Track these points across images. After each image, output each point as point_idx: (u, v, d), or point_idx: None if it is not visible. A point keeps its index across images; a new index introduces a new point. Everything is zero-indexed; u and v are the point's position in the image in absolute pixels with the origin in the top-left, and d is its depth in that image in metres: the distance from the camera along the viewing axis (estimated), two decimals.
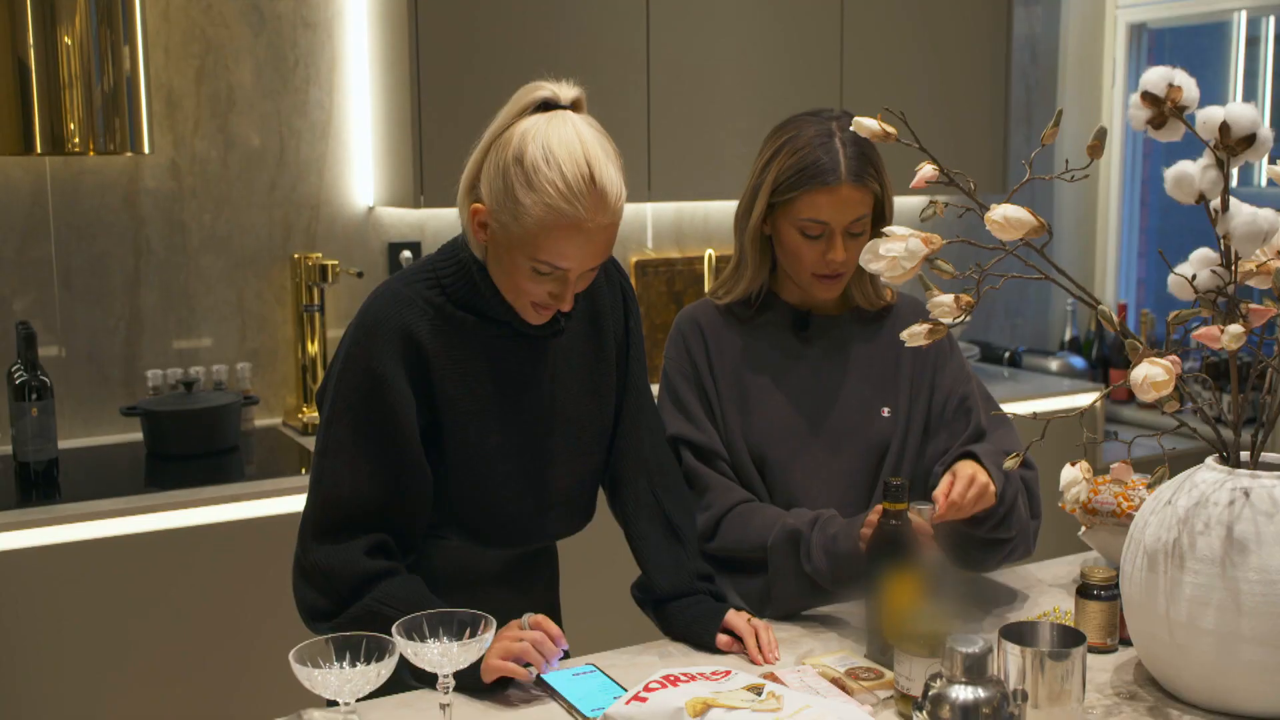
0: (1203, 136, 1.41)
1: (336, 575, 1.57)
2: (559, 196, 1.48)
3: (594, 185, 1.49)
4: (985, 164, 3.82)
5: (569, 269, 1.54)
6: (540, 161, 1.48)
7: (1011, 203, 1.43)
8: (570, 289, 1.57)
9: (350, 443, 1.58)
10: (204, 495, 2.53)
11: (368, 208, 3.23)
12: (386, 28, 3.05)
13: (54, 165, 2.88)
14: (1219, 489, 1.46)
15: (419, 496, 1.61)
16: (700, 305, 1.97)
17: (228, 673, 2.55)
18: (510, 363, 1.66)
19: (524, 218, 1.50)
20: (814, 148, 1.80)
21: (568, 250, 1.51)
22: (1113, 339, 4.13)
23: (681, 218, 3.69)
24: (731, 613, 1.72)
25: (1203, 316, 1.46)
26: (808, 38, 3.47)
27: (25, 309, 2.87)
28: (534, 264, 1.53)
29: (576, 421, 1.73)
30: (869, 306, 1.95)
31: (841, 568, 1.74)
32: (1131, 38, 4.37)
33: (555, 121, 1.51)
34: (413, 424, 1.59)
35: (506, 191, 1.51)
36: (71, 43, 2.57)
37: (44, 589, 2.39)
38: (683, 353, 1.93)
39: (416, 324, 1.59)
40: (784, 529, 1.79)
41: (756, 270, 1.91)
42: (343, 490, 1.58)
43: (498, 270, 1.59)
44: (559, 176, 1.48)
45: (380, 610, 1.53)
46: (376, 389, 1.56)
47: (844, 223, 1.81)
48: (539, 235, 1.50)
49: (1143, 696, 1.54)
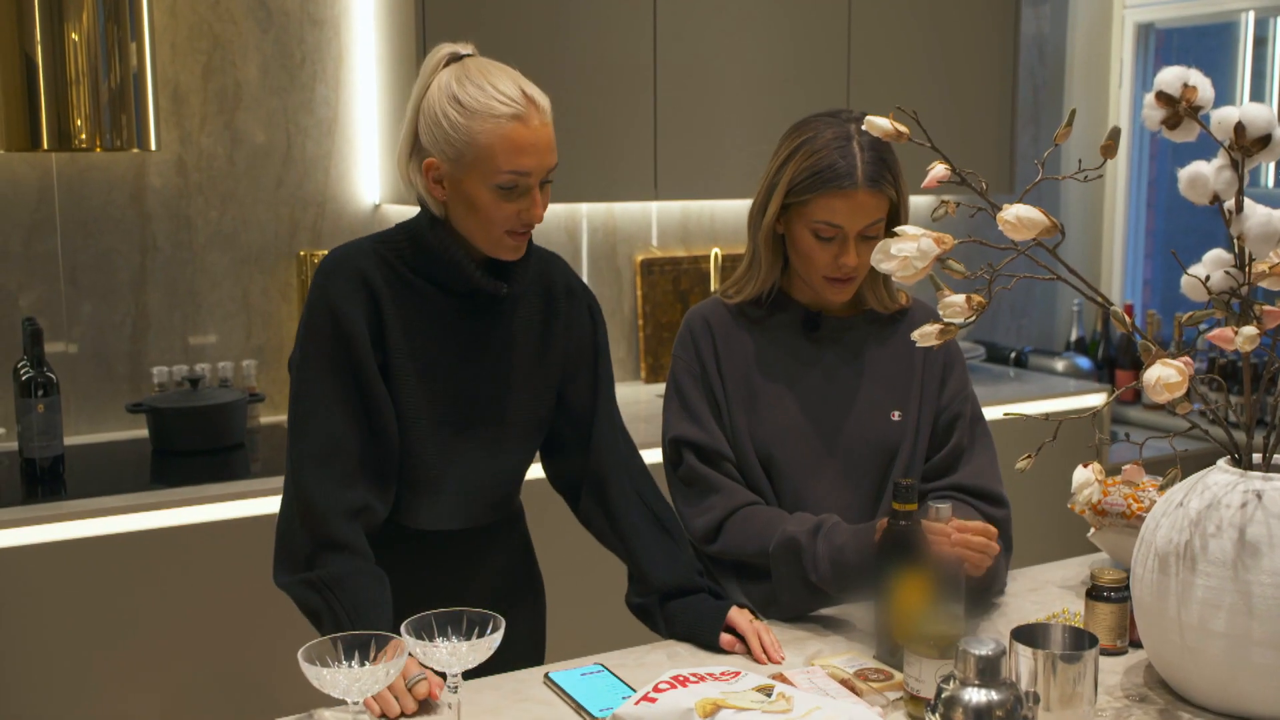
0: (1218, 137, 1.41)
1: (313, 515, 1.62)
2: (502, 106, 1.60)
3: (524, 93, 1.62)
4: (992, 164, 3.81)
5: (530, 171, 1.62)
6: (474, 90, 1.61)
7: (1022, 203, 1.42)
8: (536, 198, 1.64)
9: (323, 382, 1.65)
10: (209, 492, 2.53)
11: (374, 205, 3.22)
12: (393, 25, 3.05)
13: (61, 161, 2.87)
14: (1231, 491, 1.45)
15: (387, 434, 1.67)
16: (710, 304, 1.96)
17: (234, 670, 2.55)
18: (455, 333, 1.71)
19: (476, 139, 1.60)
20: (831, 150, 1.79)
21: (523, 151, 1.61)
22: (1119, 339, 4.12)
23: (688, 216, 3.69)
24: (734, 611, 1.72)
25: (1215, 318, 1.45)
26: (815, 36, 3.46)
27: (32, 305, 2.87)
28: (498, 180, 1.61)
29: (508, 413, 1.77)
30: (882, 310, 1.93)
31: (848, 578, 1.73)
32: (1139, 38, 4.36)
33: (469, 63, 1.66)
34: (372, 359, 1.65)
35: (453, 127, 1.61)
36: (78, 39, 2.57)
37: (50, 585, 2.39)
38: (691, 352, 1.92)
39: (371, 272, 1.68)
40: (784, 535, 1.78)
41: (769, 269, 1.90)
42: (321, 426, 1.64)
43: (462, 214, 1.66)
44: (496, 92, 1.61)
45: (333, 609, 1.58)
46: (339, 325, 1.64)
47: (858, 227, 1.80)
48: (494, 146, 1.60)
49: (1153, 699, 1.54)
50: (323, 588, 1.59)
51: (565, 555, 2.29)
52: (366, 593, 1.59)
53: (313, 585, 1.60)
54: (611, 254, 3.58)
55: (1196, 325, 1.46)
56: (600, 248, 3.57)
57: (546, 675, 1.59)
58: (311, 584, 1.60)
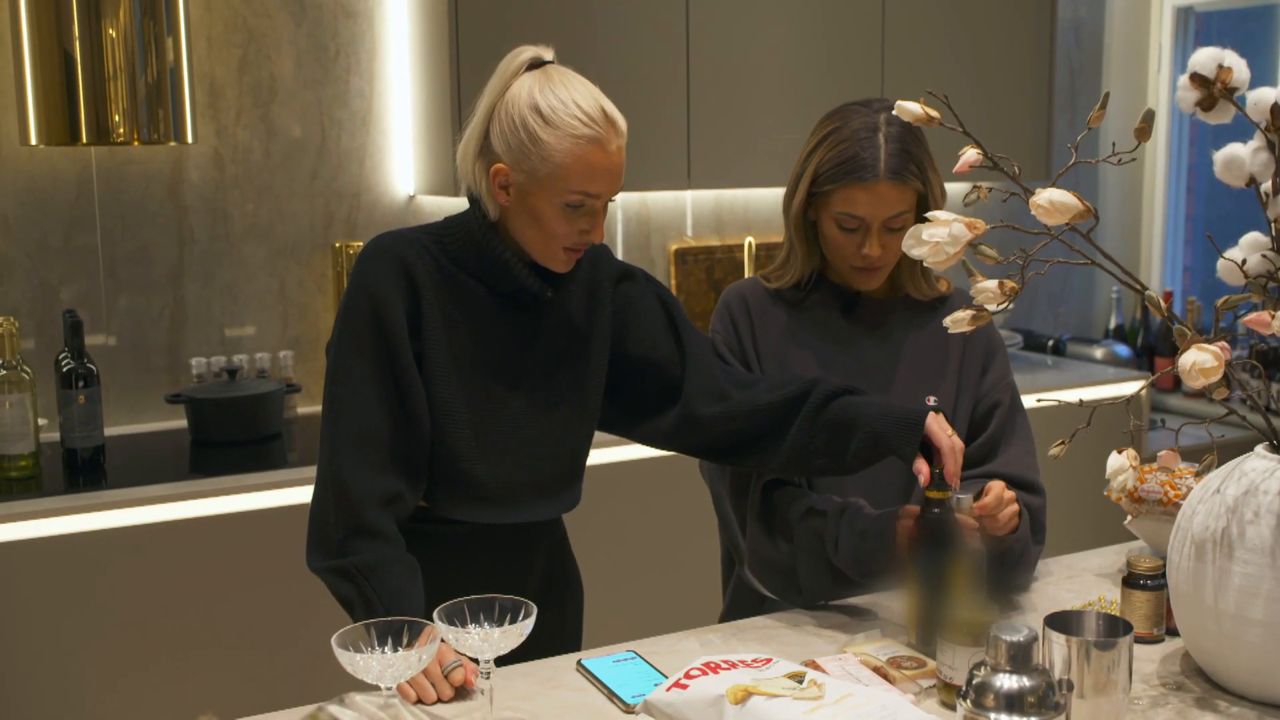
0: (1253, 118, 1.39)
1: (347, 500, 1.61)
2: (583, 126, 1.59)
3: (606, 113, 1.62)
4: (1029, 149, 3.78)
5: (601, 194, 1.63)
6: (557, 103, 1.60)
7: (1056, 187, 1.41)
8: (600, 218, 1.65)
9: (359, 367, 1.64)
10: (247, 482, 2.56)
11: (408, 196, 3.24)
12: (426, 16, 3.06)
13: (99, 155, 2.91)
14: (1269, 477, 1.44)
15: (420, 424, 1.66)
16: (748, 282, 1.96)
17: (271, 657, 2.57)
18: (494, 330, 1.70)
19: (552, 155, 1.59)
20: (855, 142, 1.78)
21: (597, 174, 1.61)
22: (1159, 326, 4.08)
23: (721, 205, 3.68)
24: (932, 418, 1.64)
25: (1252, 302, 1.44)
26: (848, 22, 3.44)
27: (72, 298, 2.91)
28: (567, 198, 1.61)
29: (549, 404, 1.74)
30: (920, 297, 1.93)
31: (871, 562, 1.72)
32: (1178, 21, 4.31)
33: (552, 72, 1.64)
34: (408, 348, 1.65)
35: (530, 139, 1.60)
36: (116, 34, 2.59)
37: (91, 573, 2.42)
38: (729, 326, 1.92)
39: (414, 261, 1.67)
40: (809, 512, 1.78)
41: (805, 257, 1.90)
42: (355, 411, 1.63)
43: (524, 224, 1.65)
44: (578, 110, 1.60)
45: (366, 596, 1.57)
46: (377, 312, 1.64)
47: (881, 219, 1.79)
48: (570, 167, 1.59)
49: (1190, 687, 1.52)
50: (356, 575, 1.59)
51: (601, 549, 2.29)
52: (400, 580, 1.59)
53: (346, 573, 1.60)
54: (645, 244, 3.58)
55: (1234, 309, 1.44)
56: (634, 237, 3.57)
57: (579, 662, 1.60)
58: (344, 571, 1.60)
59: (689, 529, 2.12)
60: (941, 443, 1.62)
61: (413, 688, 1.48)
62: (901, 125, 1.79)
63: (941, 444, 1.62)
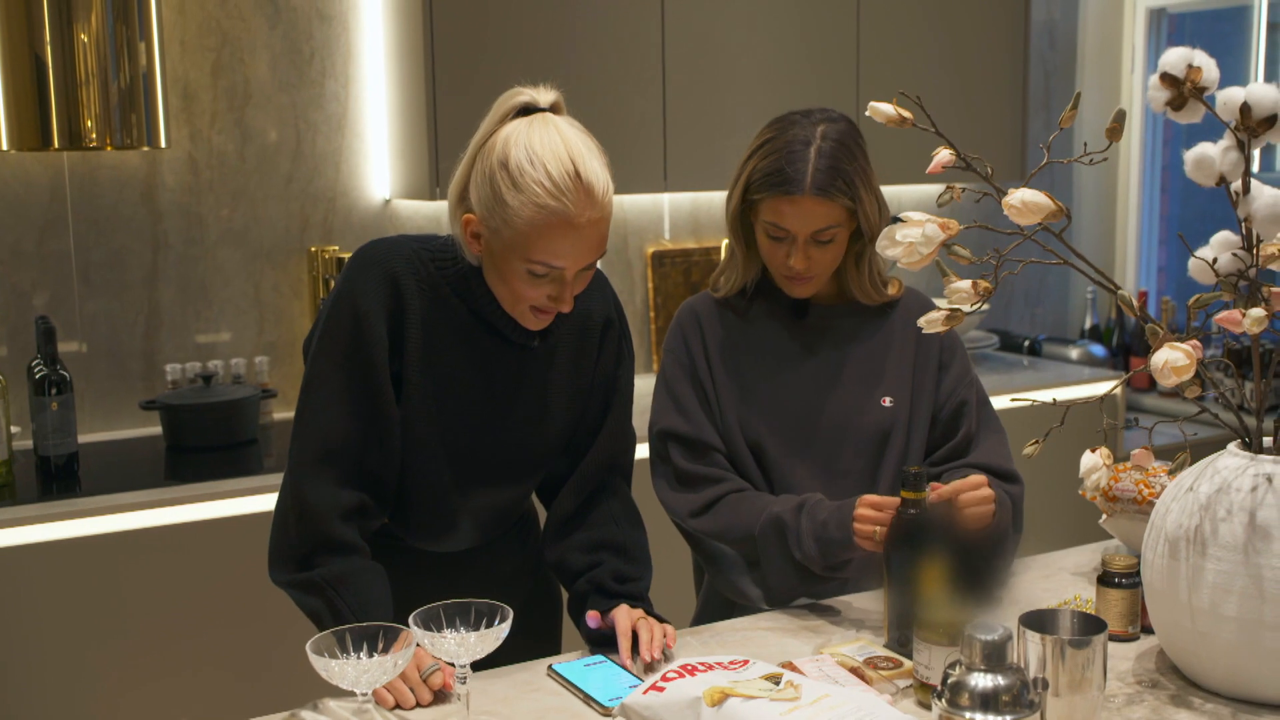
0: (1223, 118, 1.40)
1: (309, 515, 1.57)
2: (547, 195, 1.48)
3: (580, 180, 1.49)
4: (1004, 150, 3.79)
5: (564, 267, 1.53)
6: (525, 163, 1.49)
7: (1029, 188, 1.42)
8: (568, 289, 1.56)
9: (333, 379, 1.59)
10: (223, 488, 2.54)
11: (384, 200, 3.23)
12: (401, 20, 3.05)
13: (72, 160, 2.89)
14: (1241, 475, 1.44)
15: (390, 442, 1.62)
16: (700, 297, 1.98)
17: (247, 664, 2.56)
18: (478, 358, 1.65)
19: (514, 220, 1.50)
20: (786, 153, 1.79)
21: (561, 248, 1.51)
22: (1134, 326, 4.10)
23: (698, 208, 3.68)
24: (623, 608, 1.65)
25: (1224, 300, 1.45)
26: (823, 24, 3.45)
27: (45, 304, 2.89)
28: (529, 266, 1.53)
29: (526, 448, 1.72)
30: (868, 302, 1.93)
31: (833, 554, 1.73)
32: (1151, 22, 4.34)
33: (536, 124, 1.52)
34: (386, 367, 1.60)
35: (495, 197, 1.51)
36: (88, 39, 2.58)
37: (65, 582, 2.41)
38: (680, 344, 1.93)
39: (404, 276, 1.60)
40: (770, 515, 1.78)
41: (745, 261, 1.91)
42: (324, 424, 1.59)
43: (494, 278, 1.59)
44: (545, 175, 1.48)
45: (336, 607, 1.54)
46: (359, 326, 1.58)
47: (806, 232, 1.80)
48: (531, 236, 1.50)
49: (1165, 685, 1.53)
50: (324, 587, 1.56)
51: None
52: (370, 590, 1.57)
53: (313, 585, 1.56)
54: (623, 246, 3.58)
55: (1205, 308, 1.45)
56: (611, 240, 3.53)
57: (550, 667, 1.59)
58: (311, 584, 1.56)
59: (660, 533, 2.11)
60: (620, 623, 1.62)
61: (391, 693, 1.47)
62: (837, 139, 1.79)
63: (620, 625, 1.62)
